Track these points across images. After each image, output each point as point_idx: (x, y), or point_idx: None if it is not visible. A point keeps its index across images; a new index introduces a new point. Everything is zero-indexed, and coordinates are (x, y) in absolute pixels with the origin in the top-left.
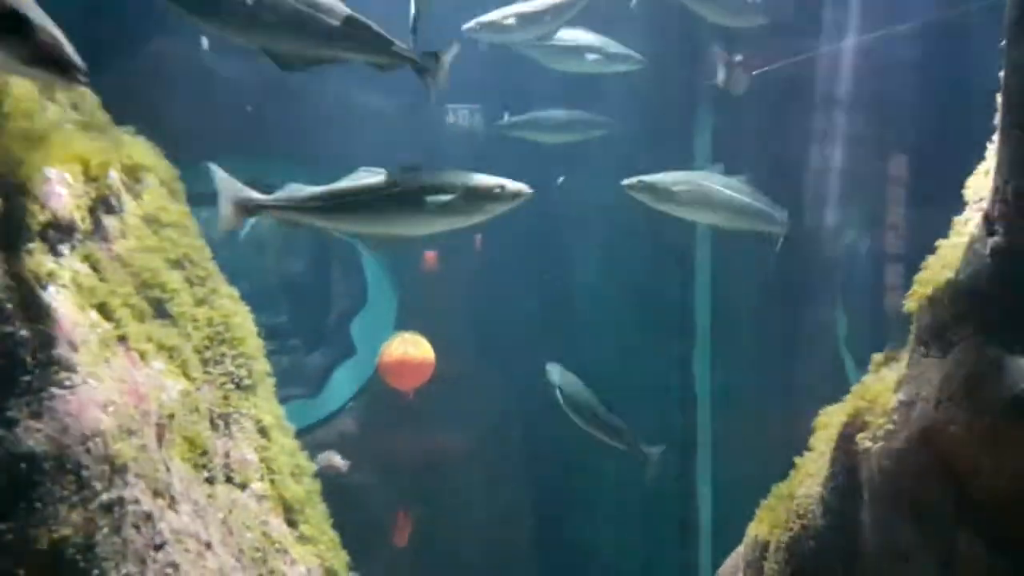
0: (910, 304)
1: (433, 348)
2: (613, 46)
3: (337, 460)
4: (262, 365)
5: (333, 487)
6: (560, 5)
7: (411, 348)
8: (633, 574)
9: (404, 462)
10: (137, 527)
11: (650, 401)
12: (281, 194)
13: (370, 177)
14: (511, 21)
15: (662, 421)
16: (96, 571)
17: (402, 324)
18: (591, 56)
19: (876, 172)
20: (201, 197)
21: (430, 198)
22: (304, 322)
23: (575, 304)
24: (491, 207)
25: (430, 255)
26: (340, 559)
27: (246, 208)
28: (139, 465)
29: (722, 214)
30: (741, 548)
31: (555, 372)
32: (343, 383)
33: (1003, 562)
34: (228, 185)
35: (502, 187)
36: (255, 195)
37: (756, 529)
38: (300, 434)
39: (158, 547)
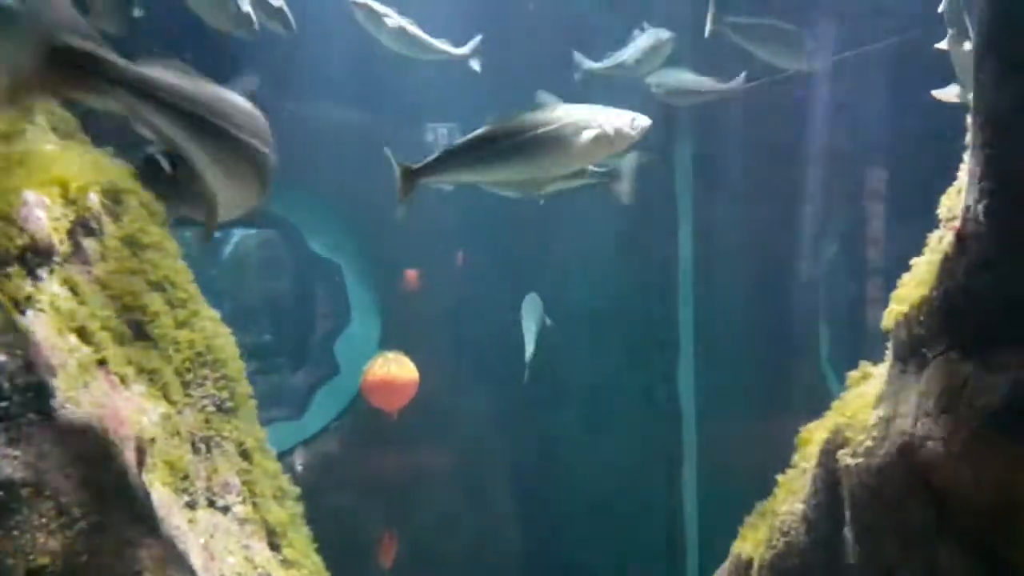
0: (886, 321)
1: (417, 367)
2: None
3: None
4: (244, 387)
5: (317, 508)
6: None
7: (394, 367)
8: None
9: (388, 482)
10: (118, 554)
11: (635, 417)
12: (436, 155)
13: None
14: None
15: (647, 437)
16: None
17: (386, 343)
18: None
19: (857, 188)
20: (188, 218)
21: (581, 133)
22: (288, 341)
23: (559, 321)
24: (624, 139)
25: (411, 273)
26: None
27: (411, 179)
28: (118, 491)
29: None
30: (726, 565)
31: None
32: (326, 403)
33: (985, 574)
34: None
35: (633, 119)
36: (415, 166)
37: (740, 547)
38: (283, 456)
39: (138, 574)
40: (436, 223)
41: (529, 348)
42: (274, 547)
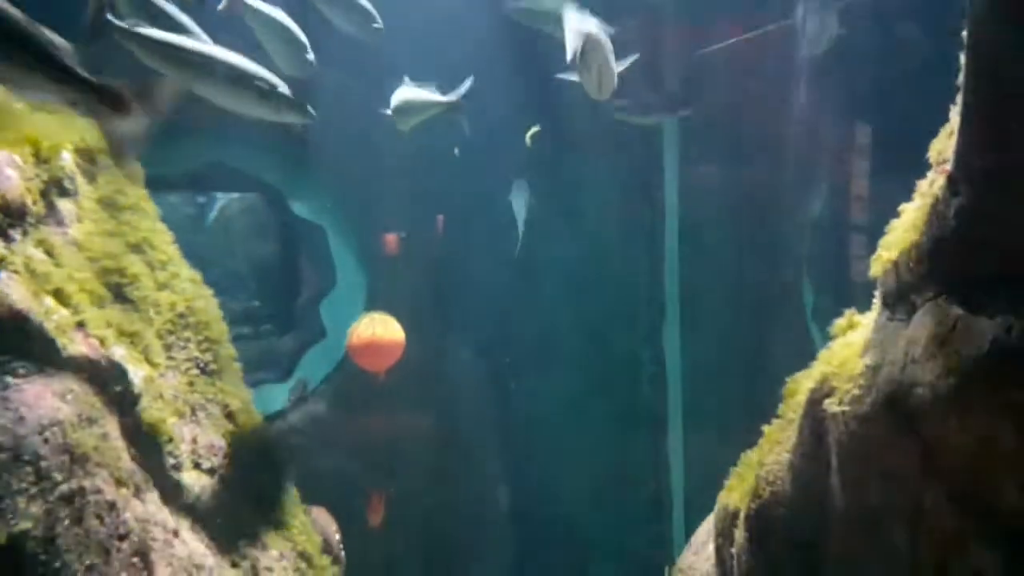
0: (874, 268)
1: (403, 328)
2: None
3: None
4: (227, 350)
5: (306, 469)
6: None
7: (380, 329)
8: (608, 548)
9: (377, 443)
10: (100, 517)
11: (621, 378)
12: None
13: None
14: None
15: (633, 397)
16: (58, 563)
17: (372, 304)
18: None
19: (842, 144)
20: (168, 182)
21: None
22: (277, 306)
23: (545, 283)
24: None
25: (391, 237)
26: (313, 542)
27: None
28: (100, 454)
29: None
30: (712, 517)
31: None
32: (313, 366)
33: (969, 521)
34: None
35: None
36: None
37: (726, 497)
38: (271, 419)
39: (123, 536)
40: (419, 186)
41: (520, 227)
42: (261, 509)
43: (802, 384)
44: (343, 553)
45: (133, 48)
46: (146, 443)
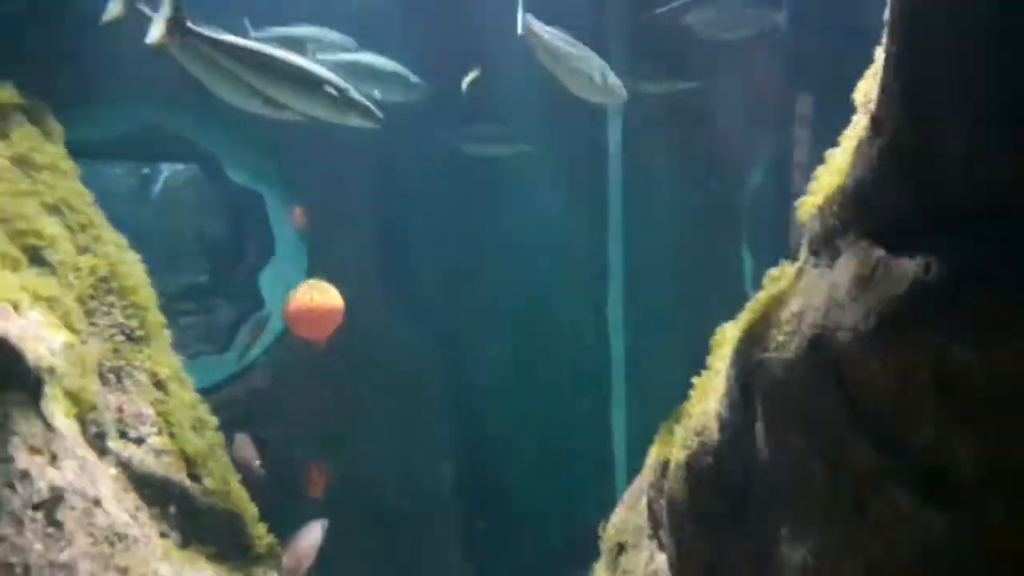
0: (801, 214)
1: (346, 297)
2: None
3: (251, 452)
4: (156, 316)
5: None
6: None
7: (317, 295)
8: (553, 512)
9: (318, 415)
10: (12, 486)
11: (565, 343)
12: None
13: None
14: None
15: (576, 364)
16: None
17: (313, 274)
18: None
19: (781, 112)
20: (97, 146)
21: None
22: (224, 280)
23: (489, 253)
24: None
25: (297, 210)
26: (249, 510)
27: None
28: (13, 421)
29: None
30: (644, 472)
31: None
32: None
33: (890, 462)
34: None
35: None
36: None
37: (657, 450)
38: (209, 392)
39: (37, 506)
40: (361, 148)
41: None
42: (194, 478)
43: (729, 333)
44: (261, 467)
45: (205, 51)
46: (65, 411)
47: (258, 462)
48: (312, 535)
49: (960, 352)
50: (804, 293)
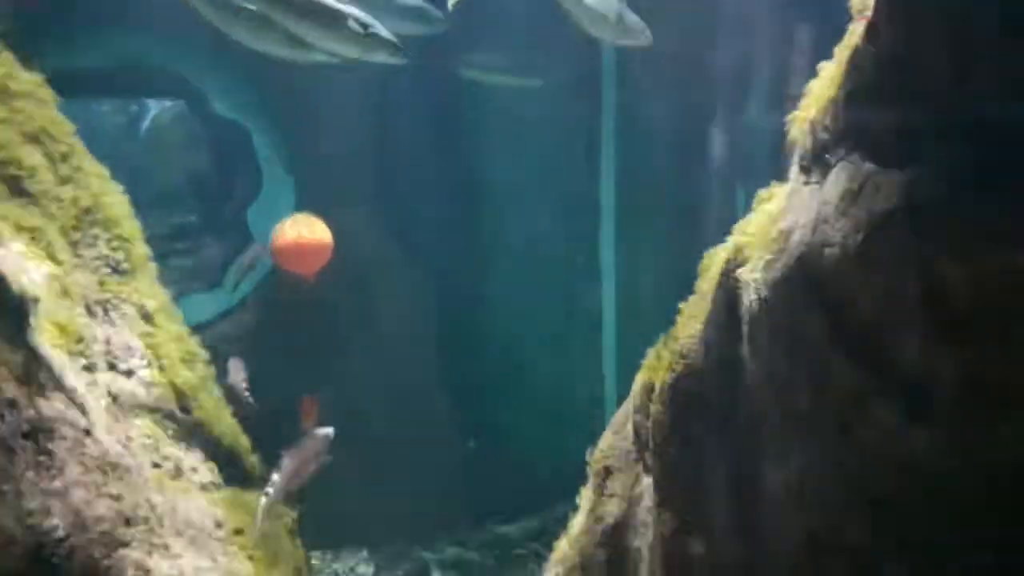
0: (792, 131)
1: (336, 230)
2: None
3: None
4: (140, 248)
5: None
6: None
7: (304, 230)
8: (545, 450)
9: (309, 349)
10: (1, 416)
11: (558, 281)
12: None
13: None
14: None
15: (569, 302)
16: None
17: (302, 208)
18: None
19: (778, 46)
20: (80, 78)
21: None
22: (213, 218)
23: (484, 189)
24: None
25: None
26: (241, 442)
27: None
28: None
29: None
30: (631, 397)
31: None
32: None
33: (873, 382)
34: None
35: None
36: None
37: (644, 375)
38: (200, 329)
39: (27, 435)
40: (349, 80)
41: None
42: (185, 410)
43: (717, 256)
44: (250, 398)
45: None
46: (52, 342)
47: (245, 385)
48: (316, 442)
49: (947, 265)
50: (793, 212)
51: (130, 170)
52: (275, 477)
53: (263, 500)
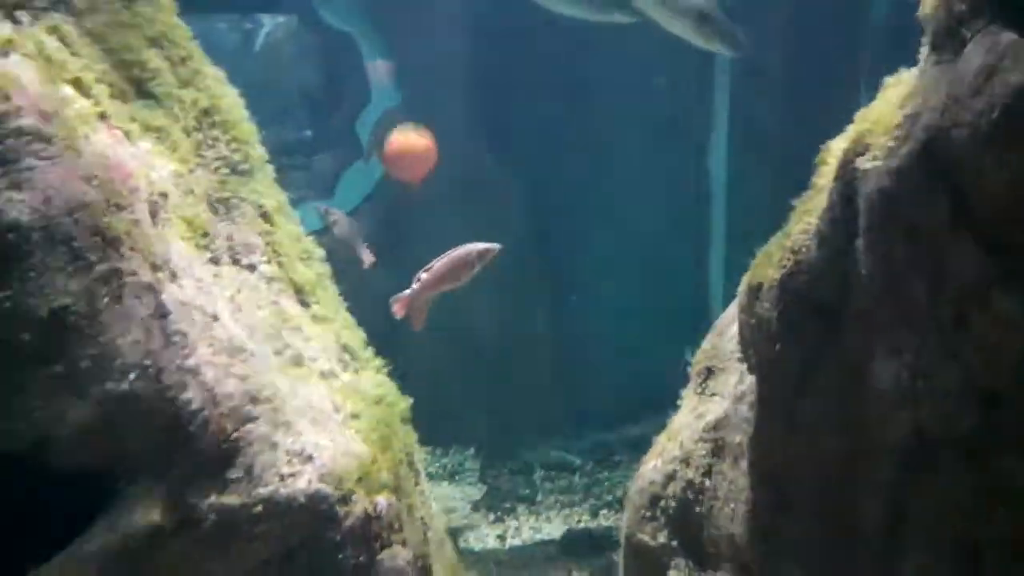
0: (924, 4)
1: (437, 138)
2: None
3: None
4: (258, 151)
5: (347, 282)
6: None
7: (411, 137)
8: (651, 357)
9: (417, 254)
10: (139, 297)
11: (666, 196)
12: None
13: None
14: None
15: (678, 215)
16: (102, 338)
17: (409, 116)
18: None
19: None
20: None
21: None
22: (323, 129)
23: (594, 106)
24: None
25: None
26: (356, 337)
27: None
28: (133, 239)
29: None
30: (736, 299)
31: None
32: (354, 184)
33: (996, 272)
34: None
35: None
36: None
37: (751, 275)
38: (314, 235)
39: (163, 316)
40: None
41: None
42: (303, 304)
43: (835, 148)
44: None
45: None
46: (180, 235)
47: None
48: (476, 251)
49: None
50: (921, 94)
51: (245, 86)
52: (423, 275)
53: (407, 291)
